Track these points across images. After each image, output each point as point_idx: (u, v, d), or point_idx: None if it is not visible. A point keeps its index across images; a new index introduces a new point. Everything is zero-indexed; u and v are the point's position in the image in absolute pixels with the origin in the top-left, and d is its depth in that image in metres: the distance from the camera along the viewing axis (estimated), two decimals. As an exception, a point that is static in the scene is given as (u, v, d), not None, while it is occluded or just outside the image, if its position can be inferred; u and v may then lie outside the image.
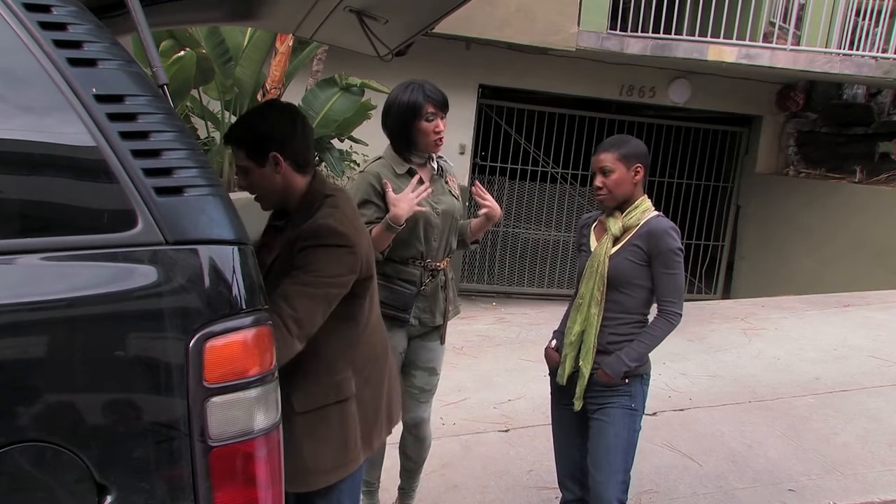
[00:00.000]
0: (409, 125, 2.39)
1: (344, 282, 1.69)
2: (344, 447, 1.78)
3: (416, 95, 2.38)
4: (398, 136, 2.44)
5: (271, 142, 1.74)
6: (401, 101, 2.40)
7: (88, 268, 1.03)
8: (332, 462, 1.77)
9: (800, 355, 4.68)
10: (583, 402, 2.28)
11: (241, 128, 1.81)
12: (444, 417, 3.60)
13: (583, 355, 2.25)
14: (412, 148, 2.44)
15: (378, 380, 1.90)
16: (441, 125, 2.42)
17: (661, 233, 2.18)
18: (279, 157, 1.74)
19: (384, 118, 2.46)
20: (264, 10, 2.33)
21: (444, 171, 2.55)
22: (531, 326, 5.40)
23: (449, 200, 2.52)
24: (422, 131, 2.40)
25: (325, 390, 1.75)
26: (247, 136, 1.76)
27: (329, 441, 1.76)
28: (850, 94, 8.90)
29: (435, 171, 2.51)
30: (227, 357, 1.06)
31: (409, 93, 2.40)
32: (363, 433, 1.83)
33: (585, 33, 7.04)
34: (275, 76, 5.70)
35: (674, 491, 3.08)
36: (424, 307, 2.49)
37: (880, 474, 3.23)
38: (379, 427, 1.91)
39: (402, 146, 2.44)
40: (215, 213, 1.08)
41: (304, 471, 1.73)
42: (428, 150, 2.45)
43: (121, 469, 1.03)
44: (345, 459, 1.78)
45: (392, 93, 2.46)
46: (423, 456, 2.72)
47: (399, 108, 2.40)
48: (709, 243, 9.36)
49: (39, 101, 1.02)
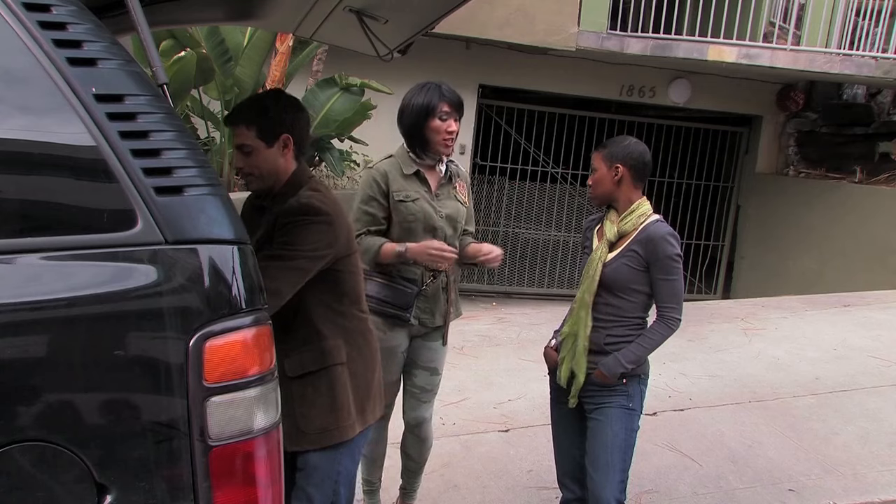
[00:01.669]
0: (423, 123, 2.40)
1: (320, 255, 1.78)
2: (333, 412, 1.86)
3: (431, 94, 2.40)
4: (411, 134, 2.45)
5: (284, 124, 1.83)
6: (416, 101, 2.42)
7: (88, 267, 1.03)
8: (321, 424, 1.85)
9: (800, 355, 4.68)
10: (578, 401, 2.29)
11: (254, 107, 1.88)
12: (444, 417, 3.60)
13: (571, 358, 2.26)
14: (424, 147, 2.44)
15: (369, 356, 1.98)
16: (454, 126, 2.43)
17: (660, 239, 2.18)
18: (290, 139, 1.84)
19: (400, 116, 2.47)
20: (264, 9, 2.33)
21: (453, 177, 2.55)
22: (531, 326, 5.40)
23: (453, 205, 2.52)
24: (434, 130, 2.40)
25: (314, 356, 1.85)
26: (262, 116, 1.83)
27: (318, 405, 1.85)
28: (850, 94, 8.89)
29: (443, 175, 2.51)
30: (226, 356, 1.06)
31: (425, 92, 2.42)
32: (356, 402, 1.91)
33: (585, 33, 7.03)
34: (275, 76, 5.69)
35: (674, 491, 3.08)
36: (425, 307, 2.49)
37: (880, 474, 3.23)
38: (372, 403, 1.99)
39: (415, 144, 2.45)
40: (215, 213, 1.08)
41: (295, 431, 1.82)
42: (438, 150, 2.45)
43: (121, 468, 1.03)
44: (336, 423, 1.86)
45: (409, 92, 2.48)
46: (424, 456, 2.72)
47: (414, 107, 2.41)
48: (709, 243, 9.35)
49: (39, 100, 1.02)
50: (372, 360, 1.99)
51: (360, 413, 1.93)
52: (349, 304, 1.91)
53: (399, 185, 2.42)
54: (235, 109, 1.90)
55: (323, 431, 1.85)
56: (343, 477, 1.93)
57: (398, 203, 2.41)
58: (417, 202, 2.42)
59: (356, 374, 1.92)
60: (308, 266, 1.76)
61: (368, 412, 1.97)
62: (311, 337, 1.84)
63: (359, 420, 1.92)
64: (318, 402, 1.84)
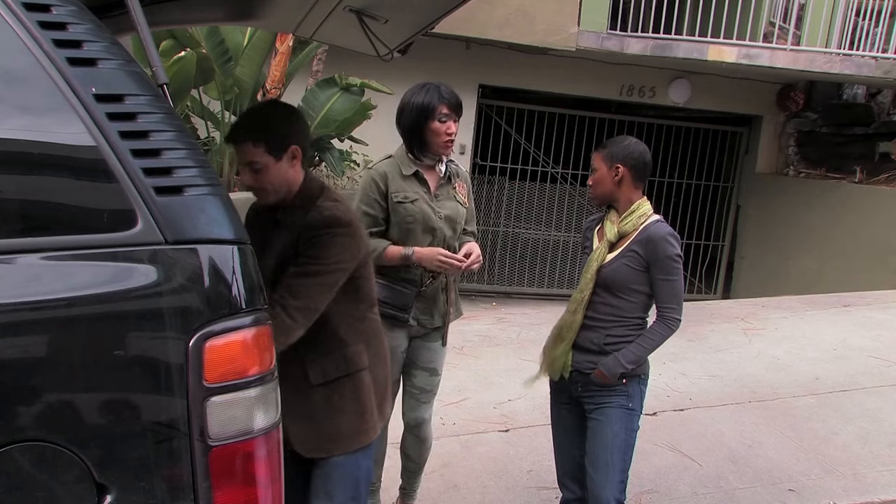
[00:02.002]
0: (422, 125, 2.40)
1: (348, 266, 1.79)
2: (360, 416, 1.88)
3: (431, 96, 2.40)
4: (410, 135, 2.44)
5: (290, 136, 1.82)
6: (416, 101, 2.41)
7: (88, 267, 1.03)
8: (350, 430, 1.87)
9: (800, 355, 4.68)
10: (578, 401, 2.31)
11: (259, 123, 1.84)
12: (444, 417, 3.60)
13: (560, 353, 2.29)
14: (423, 148, 2.44)
15: (384, 354, 2.00)
16: (453, 128, 2.43)
17: (660, 239, 2.18)
18: (298, 149, 1.82)
19: (398, 116, 2.47)
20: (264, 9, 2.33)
21: (453, 177, 2.55)
22: (531, 326, 5.40)
23: (452, 206, 2.51)
24: (433, 132, 2.40)
25: (337, 363, 1.85)
26: (270, 131, 1.81)
27: (345, 411, 1.86)
28: (850, 94, 8.89)
29: (442, 175, 2.51)
30: (226, 356, 1.06)
31: (424, 93, 2.41)
32: (378, 403, 1.94)
33: (585, 33, 7.03)
34: (275, 76, 5.69)
35: (674, 491, 3.08)
36: (423, 308, 2.49)
37: (880, 474, 3.23)
38: (387, 400, 2.04)
39: (414, 145, 2.45)
40: (215, 213, 1.08)
41: (323, 439, 1.84)
42: (437, 151, 2.45)
43: (120, 468, 1.03)
44: (362, 427, 1.88)
45: (408, 92, 2.47)
46: (424, 456, 2.72)
47: (413, 108, 2.41)
48: (709, 243, 9.35)
49: (39, 100, 1.02)
50: (386, 360, 2.02)
51: (381, 412, 1.97)
52: (365, 309, 1.93)
53: (398, 185, 2.42)
54: (238, 127, 1.86)
55: (351, 436, 1.87)
56: (363, 474, 1.95)
57: (397, 204, 2.41)
58: (416, 203, 2.42)
59: (377, 378, 1.93)
60: (339, 278, 1.77)
61: (386, 411, 2.03)
62: (333, 344, 1.85)
63: (379, 419, 1.96)
64: (347, 407, 1.86)
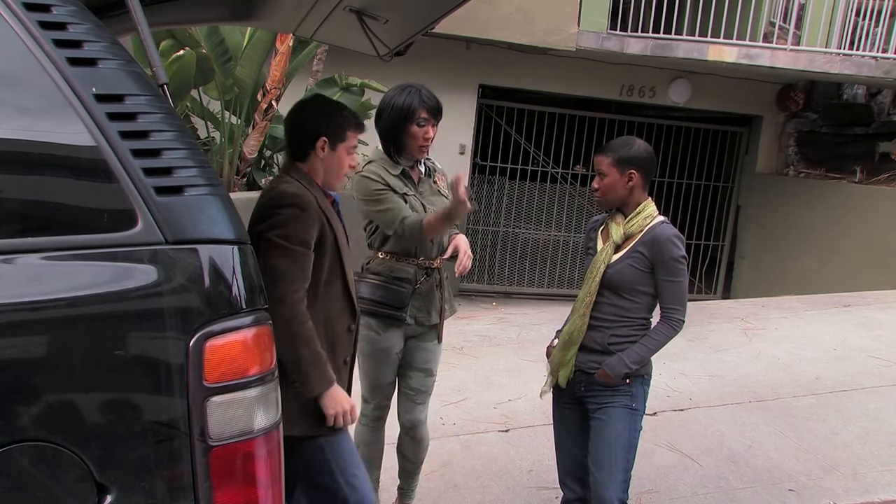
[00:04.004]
0: (401, 127, 2.40)
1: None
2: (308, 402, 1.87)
3: (411, 99, 2.39)
4: (388, 137, 2.45)
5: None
6: (395, 103, 2.41)
7: (88, 267, 1.03)
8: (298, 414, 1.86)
9: (800, 355, 4.67)
10: (581, 401, 2.30)
11: None
12: (444, 417, 3.60)
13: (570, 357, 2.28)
14: (400, 150, 2.45)
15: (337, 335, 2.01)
16: (431, 132, 2.42)
17: (666, 240, 2.18)
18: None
19: (377, 117, 2.47)
20: (264, 10, 2.33)
21: (432, 172, 2.58)
22: (531, 326, 5.40)
23: (439, 200, 2.53)
24: (411, 135, 2.40)
25: None
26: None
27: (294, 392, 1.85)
28: (850, 94, 8.89)
29: (423, 174, 2.54)
30: (227, 356, 1.06)
31: (404, 95, 2.40)
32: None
33: (585, 33, 7.03)
34: (275, 76, 5.69)
35: (674, 491, 3.07)
36: (420, 306, 2.49)
37: (880, 474, 3.23)
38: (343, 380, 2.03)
39: (391, 148, 2.46)
40: (215, 213, 1.08)
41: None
42: (413, 154, 2.46)
43: (121, 468, 1.03)
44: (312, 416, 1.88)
45: (388, 93, 2.46)
46: (420, 457, 2.72)
47: (394, 110, 2.41)
48: (709, 243, 9.34)
49: (39, 100, 1.02)
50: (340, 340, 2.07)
51: None
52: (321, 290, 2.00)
53: (394, 182, 2.44)
54: None
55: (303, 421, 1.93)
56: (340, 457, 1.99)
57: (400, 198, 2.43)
58: (411, 199, 2.45)
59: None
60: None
61: None
62: None
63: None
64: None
